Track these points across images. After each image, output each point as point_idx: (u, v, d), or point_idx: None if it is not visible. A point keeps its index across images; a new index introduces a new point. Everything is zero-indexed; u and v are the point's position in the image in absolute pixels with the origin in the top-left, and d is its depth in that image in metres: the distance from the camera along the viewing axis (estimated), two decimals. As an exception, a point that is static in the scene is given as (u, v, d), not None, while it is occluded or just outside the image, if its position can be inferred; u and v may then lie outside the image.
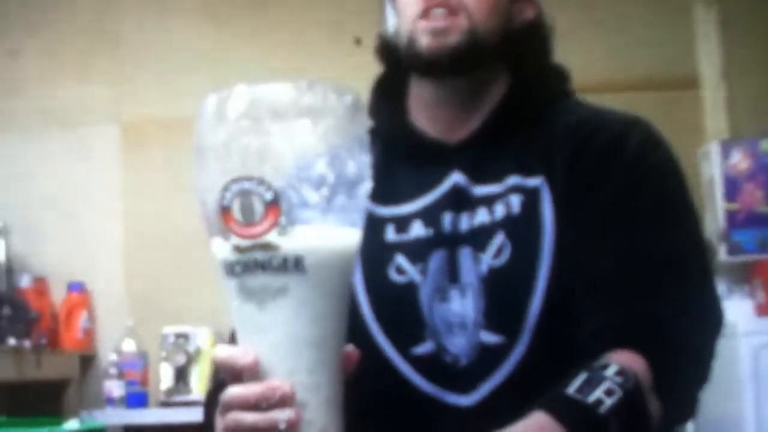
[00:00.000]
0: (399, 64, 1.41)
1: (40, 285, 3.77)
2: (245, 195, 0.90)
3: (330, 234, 0.93)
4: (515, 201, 1.33)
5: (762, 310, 3.44)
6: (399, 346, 1.32)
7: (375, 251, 1.34)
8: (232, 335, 0.99)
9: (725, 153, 3.57)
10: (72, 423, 3.01)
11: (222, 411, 0.96)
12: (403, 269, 1.34)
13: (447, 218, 1.34)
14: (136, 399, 3.64)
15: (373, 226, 1.34)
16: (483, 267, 1.31)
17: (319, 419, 0.93)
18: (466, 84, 1.38)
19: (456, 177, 1.36)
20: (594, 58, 3.63)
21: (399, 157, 1.40)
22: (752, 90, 3.70)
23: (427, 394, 1.31)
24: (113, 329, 3.77)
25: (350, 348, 0.97)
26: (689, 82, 3.73)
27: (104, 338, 3.83)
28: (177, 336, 3.69)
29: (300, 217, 0.91)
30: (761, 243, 3.49)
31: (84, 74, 3.96)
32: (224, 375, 0.96)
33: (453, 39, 1.33)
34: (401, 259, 1.35)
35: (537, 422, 1.12)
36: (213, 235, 0.93)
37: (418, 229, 1.36)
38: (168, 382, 3.65)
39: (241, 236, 0.91)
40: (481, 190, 1.35)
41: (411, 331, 1.32)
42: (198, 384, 3.62)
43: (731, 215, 3.54)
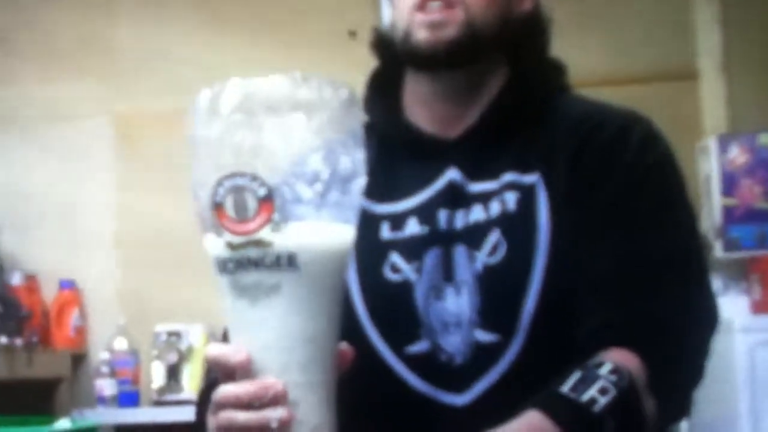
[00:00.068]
0: (395, 58, 1.39)
1: (31, 282, 3.76)
2: (238, 191, 0.90)
3: (324, 231, 0.92)
4: (511, 198, 1.32)
5: (758, 307, 3.45)
6: (393, 345, 1.32)
7: (370, 249, 1.33)
8: (225, 334, 0.99)
9: (723, 147, 3.54)
10: (63, 422, 3.01)
11: (214, 410, 0.96)
12: (398, 267, 1.33)
13: (442, 216, 1.34)
14: (128, 398, 3.63)
15: (368, 224, 1.33)
16: (478, 265, 1.30)
17: (312, 418, 0.92)
18: (463, 78, 1.37)
19: (452, 173, 1.35)
20: (592, 52, 3.62)
21: (394, 154, 1.39)
22: (751, 84, 3.68)
23: (422, 393, 1.30)
24: (105, 327, 3.76)
25: (344, 346, 0.96)
26: (688, 76, 3.71)
27: (96, 336, 3.82)
28: (169, 334, 3.67)
29: (293, 214, 0.91)
30: (760, 239, 3.48)
31: (77, 69, 3.94)
32: (216, 373, 0.95)
33: (450, 32, 1.32)
34: (396, 258, 1.34)
35: (531, 421, 1.12)
36: (206, 232, 0.93)
37: (413, 227, 1.35)
38: (160, 381, 3.64)
39: (234, 233, 0.91)
40: (477, 187, 1.34)
41: (406, 330, 1.31)
42: (190, 383, 3.61)
43: (729, 211, 3.52)
